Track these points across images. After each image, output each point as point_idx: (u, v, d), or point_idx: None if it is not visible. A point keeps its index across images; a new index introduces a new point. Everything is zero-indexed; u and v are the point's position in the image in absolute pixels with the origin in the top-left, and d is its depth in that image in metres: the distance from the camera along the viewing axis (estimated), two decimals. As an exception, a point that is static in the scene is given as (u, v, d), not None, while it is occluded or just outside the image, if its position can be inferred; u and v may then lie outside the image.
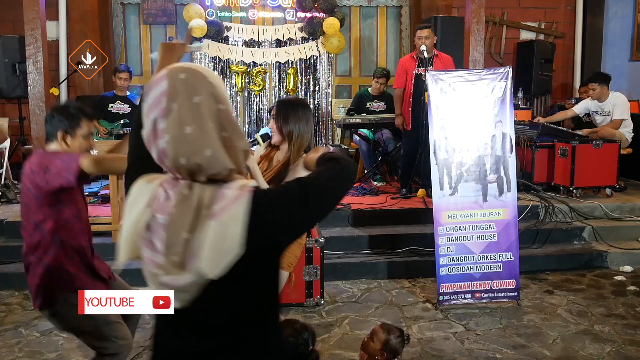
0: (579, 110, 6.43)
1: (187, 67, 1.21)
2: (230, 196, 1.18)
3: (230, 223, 1.15)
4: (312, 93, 7.69)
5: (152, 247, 1.19)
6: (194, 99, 1.17)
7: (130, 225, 1.22)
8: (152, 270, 1.20)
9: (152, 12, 7.45)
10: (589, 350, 3.40)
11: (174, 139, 1.16)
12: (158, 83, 1.19)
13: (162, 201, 1.19)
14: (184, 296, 1.20)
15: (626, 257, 4.90)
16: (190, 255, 1.17)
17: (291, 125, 2.73)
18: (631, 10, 7.90)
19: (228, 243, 1.15)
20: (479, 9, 5.32)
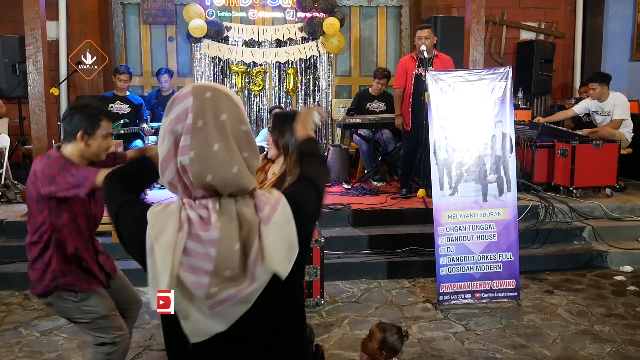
0: (579, 110, 6.42)
1: (212, 86, 1.24)
2: (271, 202, 1.23)
3: (284, 224, 1.21)
4: (312, 93, 7.69)
5: (195, 270, 1.17)
6: (221, 117, 1.19)
7: (166, 254, 1.17)
8: (202, 293, 1.17)
9: (152, 12, 7.45)
10: (589, 350, 3.40)
11: (201, 156, 1.17)
12: (183, 99, 1.19)
13: (196, 220, 1.18)
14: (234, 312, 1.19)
15: (626, 257, 4.90)
16: (252, 262, 1.19)
17: (287, 138, 2.73)
18: (631, 10, 7.91)
19: (290, 242, 1.22)
20: (479, 9, 5.32)
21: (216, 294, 1.17)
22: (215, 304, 1.18)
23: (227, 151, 1.18)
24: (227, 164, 1.18)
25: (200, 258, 1.17)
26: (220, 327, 1.20)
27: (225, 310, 1.19)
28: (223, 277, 1.17)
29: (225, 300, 1.18)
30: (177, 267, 1.17)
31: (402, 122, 5.74)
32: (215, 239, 1.16)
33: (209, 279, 1.17)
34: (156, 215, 1.21)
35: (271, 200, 1.23)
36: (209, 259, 1.16)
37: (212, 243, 1.16)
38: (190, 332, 1.20)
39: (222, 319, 1.20)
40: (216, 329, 1.20)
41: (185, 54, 7.62)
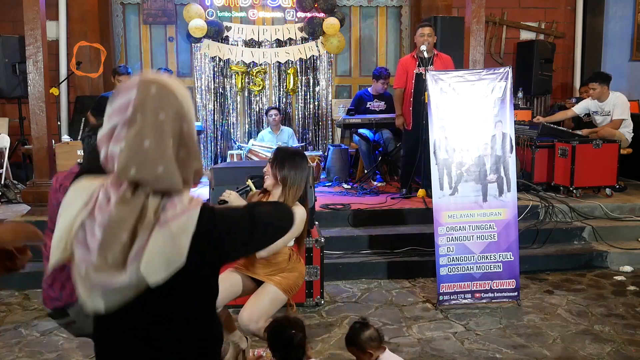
0: (579, 110, 6.42)
1: (159, 80, 1.22)
2: (181, 207, 1.20)
3: (179, 233, 1.18)
4: (312, 93, 7.69)
5: (85, 246, 1.19)
6: (160, 116, 1.19)
7: (66, 224, 1.23)
8: (84, 270, 1.19)
9: (152, 12, 7.45)
10: (589, 350, 3.40)
11: (130, 148, 1.17)
12: (128, 90, 1.20)
13: (102, 201, 1.20)
14: (114, 298, 1.19)
15: (626, 257, 4.90)
16: (132, 257, 1.17)
17: (286, 171, 2.81)
18: (631, 10, 7.91)
19: (174, 252, 1.17)
20: (479, 9, 5.32)
21: (90, 275, 1.18)
22: (93, 284, 1.19)
23: (156, 150, 1.18)
24: (153, 163, 1.18)
25: (91, 237, 1.19)
26: (100, 306, 1.20)
27: (101, 293, 1.19)
28: (106, 260, 1.17)
29: (96, 285, 1.18)
30: (72, 239, 1.22)
31: (402, 122, 5.74)
32: (105, 223, 1.17)
33: (95, 258, 1.17)
34: (74, 188, 1.27)
35: (182, 206, 1.21)
36: (96, 240, 1.18)
37: (101, 225, 1.18)
38: (83, 300, 1.23)
39: (102, 299, 1.20)
40: (97, 306, 1.21)
41: (185, 54, 7.62)
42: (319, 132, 7.76)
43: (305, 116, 7.72)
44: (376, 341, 2.52)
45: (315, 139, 7.76)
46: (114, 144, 1.19)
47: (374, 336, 2.53)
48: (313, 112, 7.71)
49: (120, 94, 1.21)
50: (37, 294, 4.28)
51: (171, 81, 1.25)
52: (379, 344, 2.53)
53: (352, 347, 2.56)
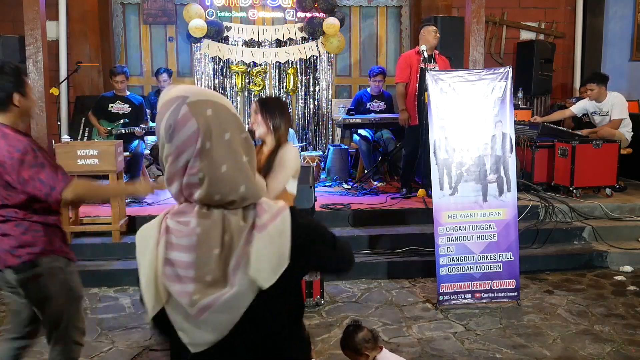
0: (577, 110, 6.43)
1: (209, 99, 1.18)
2: (272, 211, 1.21)
3: (279, 235, 1.19)
4: (312, 93, 7.69)
5: (179, 279, 1.18)
6: (225, 137, 1.17)
7: (149, 270, 1.20)
8: (187, 301, 1.17)
9: (152, 12, 7.45)
10: (589, 350, 3.40)
11: (210, 179, 1.17)
12: (186, 123, 1.15)
13: (178, 227, 1.19)
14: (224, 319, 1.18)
15: (626, 257, 4.90)
16: (233, 267, 1.17)
17: (278, 120, 2.91)
18: (631, 10, 7.91)
19: (279, 254, 1.18)
20: (479, 9, 5.33)
21: (197, 300, 1.16)
22: (199, 312, 1.17)
23: (234, 171, 1.18)
24: (235, 184, 1.18)
25: (182, 266, 1.17)
26: (211, 336, 1.19)
27: (211, 318, 1.18)
28: (205, 282, 1.16)
29: (207, 307, 1.16)
30: (161, 280, 1.18)
31: (407, 117, 5.64)
32: (194, 244, 1.16)
33: (193, 286, 1.16)
34: (140, 236, 1.24)
35: (273, 209, 1.22)
36: (189, 265, 1.16)
37: (190, 248, 1.16)
38: (188, 343, 1.21)
39: (211, 328, 1.19)
40: (208, 338, 1.19)
41: (185, 54, 7.62)
42: (319, 132, 7.76)
43: (305, 116, 7.72)
44: (371, 342, 2.52)
45: (315, 139, 7.76)
46: (189, 177, 1.17)
47: (368, 337, 2.53)
48: (313, 112, 7.71)
49: (179, 128, 1.15)
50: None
51: (215, 94, 1.22)
52: (374, 344, 2.52)
53: (347, 350, 2.56)
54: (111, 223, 4.67)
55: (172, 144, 1.17)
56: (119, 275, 4.43)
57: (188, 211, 1.20)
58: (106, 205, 5.18)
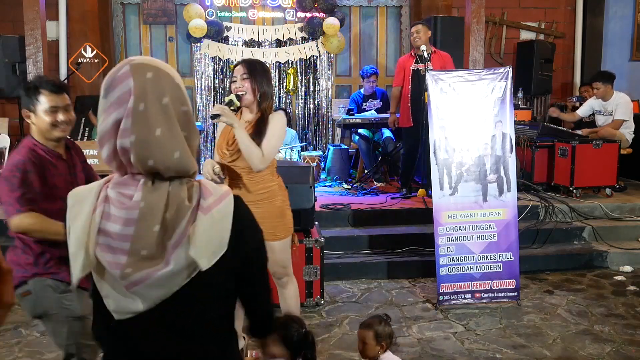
0: (583, 112, 6.45)
1: (152, 64, 1.19)
2: (217, 194, 1.21)
3: (222, 219, 1.19)
4: (312, 93, 7.69)
5: (112, 250, 1.17)
6: (163, 101, 1.17)
7: (79, 234, 1.19)
8: (118, 273, 1.17)
9: (152, 12, 7.45)
10: (589, 350, 3.40)
11: (142, 141, 1.15)
12: (123, 80, 1.16)
13: (119, 198, 1.18)
14: (155, 293, 1.18)
15: (626, 257, 4.90)
16: (172, 245, 1.16)
17: (266, 86, 2.85)
18: (631, 10, 7.91)
19: (220, 238, 1.19)
20: (479, 9, 5.33)
21: (130, 274, 1.16)
22: (130, 284, 1.17)
23: (169, 136, 1.17)
24: (169, 149, 1.17)
25: (115, 237, 1.16)
26: (139, 306, 1.19)
27: (142, 290, 1.17)
28: (140, 256, 1.16)
29: (139, 281, 1.16)
30: (93, 248, 1.18)
31: (393, 121, 5.80)
32: (134, 218, 1.15)
33: (126, 258, 1.16)
34: (75, 197, 1.22)
35: (218, 192, 1.22)
36: (125, 238, 1.16)
37: (129, 222, 1.15)
38: (113, 310, 1.21)
39: (141, 298, 1.19)
40: (136, 307, 1.19)
41: (185, 54, 7.62)
42: (319, 132, 7.76)
43: (305, 116, 7.72)
44: (389, 339, 2.53)
45: (315, 139, 7.76)
46: (122, 138, 1.15)
47: (393, 336, 2.55)
48: (313, 112, 7.71)
49: (115, 84, 1.17)
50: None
51: (162, 63, 1.22)
52: (389, 343, 2.54)
53: (370, 331, 2.55)
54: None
55: (107, 99, 1.17)
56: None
57: (131, 184, 1.18)
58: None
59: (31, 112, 2.32)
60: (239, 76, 2.85)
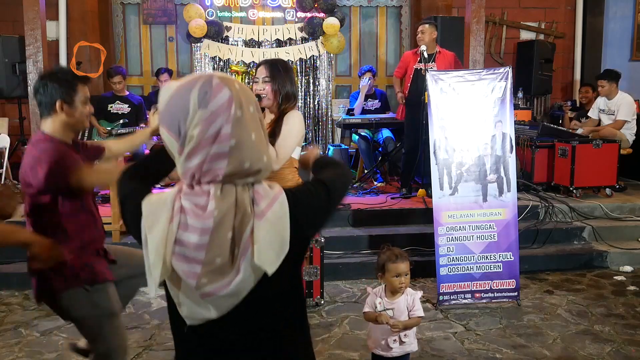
0: (594, 113, 6.46)
1: (232, 78, 1.28)
2: (268, 196, 1.23)
3: (278, 221, 1.22)
4: (312, 93, 7.69)
5: (187, 260, 1.19)
6: (251, 109, 1.24)
7: (159, 245, 1.20)
8: (194, 283, 1.19)
9: (152, 12, 7.45)
10: (589, 350, 3.40)
11: (243, 144, 1.20)
12: (220, 90, 1.20)
13: (192, 209, 1.19)
14: (228, 302, 1.22)
15: (626, 257, 4.90)
16: (241, 253, 1.19)
17: (289, 87, 2.81)
18: (631, 10, 7.91)
19: (281, 240, 1.21)
20: (479, 9, 5.33)
21: (205, 285, 1.19)
22: (204, 294, 1.20)
23: (260, 141, 1.24)
24: (260, 153, 1.24)
25: (191, 247, 1.19)
26: (211, 313, 1.23)
27: (216, 300, 1.22)
28: (214, 265, 1.18)
29: (212, 292, 1.20)
30: (169, 258, 1.20)
31: (402, 97, 5.78)
32: (209, 227, 1.17)
33: (200, 268, 1.18)
34: (150, 206, 1.24)
35: (269, 194, 1.23)
36: (201, 248, 1.18)
37: (205, 231, 1.18)
38: (185, 316, 1.25)
39: (213, 307, 1.23)
40: (208, 314, 1.23)
41: (185, 54, 7.63)
42: (319, 132, 7.75)
43: (305, 116, 7.71)
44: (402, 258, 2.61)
45: (315, 139, 7.75)
46: (220, 143, 1.19)
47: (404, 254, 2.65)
48: (313, 112, 7.71)
49: (213, 94, 1.20)
50: (37, 294, 4.28)
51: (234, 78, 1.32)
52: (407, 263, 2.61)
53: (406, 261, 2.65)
54: (111, 223, 4.67)
55: (207, 109, 1.19)
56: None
57: (201, 194, 1.20)
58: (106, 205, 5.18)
59: (66, 103, 2.29)
60: (261, 78, 2.83)
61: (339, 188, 1.41)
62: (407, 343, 2.57)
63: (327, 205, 1.35)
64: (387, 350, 2.56)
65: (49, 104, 2.28)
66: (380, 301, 2.60)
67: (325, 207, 1.35)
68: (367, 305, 2.64)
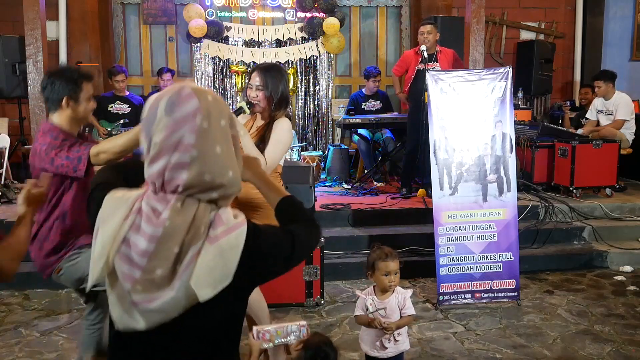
0: (592, 115, 6.46)
1: (208, 90, 1.27)
2: (229, 224, 1.20)
3: (228, 250, 1.18)
4: (312, 93, 7.69)
5: (130, 262, 1.18)
6: (222, 122, 1.23)
7: (106, 238, 1.20)
8: (129, 286, 1.18)
9: (152, 12, 7.45)
10: (589, 350, 3.40)
11: (205, 155, 1.19)
12: (188, 99, 1.20)
13: (149, 213, 1.18)
14: (156, 317, 1.19)
15: (626, 257, 4.90)
16: (181, 271, 1.17)
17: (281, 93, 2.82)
18: (631, 10, 7.91)
19: (224, 270, 1.17)
20: (479, 9, 5.33)
21: (137, 292, 1.17)
22: (134, 302, 1.18)
23: (226, 155, 1.22)
24: (225, 168, 1.21)
25: (138, 251, 1.17)
26: (139, 324, 1.20)
27: (144, 312, 1.19)
28: (153, 275, 1.16)
29: (142, 302, 1.17)
30: (113, 255, 1.19)
31: (405, 97, 5.82)
32: (157, 236, 1.16)
33: (140, 274, 1.17)
34: (111, 200, 1.24)
35: (230, 222, 1.21)
36: (145, 254, 1.16)
37: (152, 238, 1.16)
38: (115, 319, 1.23)
39: (140, 318, 1.19)
40: (135, 325, 1.20)
41: (185, 54, 7.63)
42: (319, 132, 7.76)
43: (305, 116, 7.72)
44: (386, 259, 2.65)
45: (315, 139, 7.76)
46: (182, 153, 1.18)
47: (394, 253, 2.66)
48: (313, 112, 7.71)
49: (180, 103, 1.20)
50: (37, 294, 4.28)
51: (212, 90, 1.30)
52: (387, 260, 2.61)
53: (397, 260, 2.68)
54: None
55: (171, 117, 1.19)
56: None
57: (163, 201, 1.20)
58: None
59: (72, 100, 2.46)
60: (254, 86, 2.83)
61: (305, 248, 1.38)
62: (401, 342, 2.59)
63: (287, 257, 1.31)
64: (383, 350, 2.56)
65: (56, 100, 2.47)
66: (372, 302, 2.60)
67: (285, 258, 1.31)
68: (358, 308, 2.64)
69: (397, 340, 2.56)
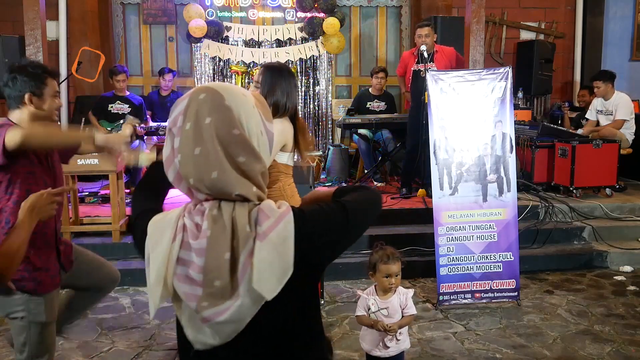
0: (592, 115, 6.45)
1: (210, 86, 1.19)
2: (274, 216, 1.15)
3: (281, 243, 1.13)
4: (312, 93, 7.69)
5: (189, 281, 1.15)
6: (205, 120, 1.14)
7: (160, 265, 1.16)
8: (194, 305, 1.14)
9: (152, 12, 7.45)
10: (589, 350, 3.40)
11: (185, 159, 1.14)
12: (181, 101, 1.18)
13: (192, 228, 1.15)
14: (228, 329, 1.15)
15: (626, 257, 4.90)
16: (240, 276, 1.13)
17: (278, 96, 2.68)
18: (631, 10, 7.91)
19: (282, 263, 1.13)
20: (479, 9, 5.33)
21: (205, 308, 1.13)
22: (204, 319, 1.14)
23: (207, 156, 1.13)
24: (205, 169, 1.14)
25: (193, 268, 1.14)
26: (213, 341, 1.17)
27: (215, 327, 1.15)
28: (214, 287, 1.13)
29: (212, 317, 1.13)
30: (171, 278, 1.16)
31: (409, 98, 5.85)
32: (204, 248, 1.13)
33: (201, 290, 1.13)
34: (154, 226, 1.20)
35: (275, 214, 1.15)
36: (200, 269, 1.13)
37: (200, 252, 1.13)
38: (192, 340, 1.19)
39: (214, 334, 1.16)
40: (210, 341, 1.17)
41: (185, 54, 7.63)
42: (319, 132, 7.76)
43: (305, 116, 7.71)
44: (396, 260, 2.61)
45: (315, 139, 7.76)
46: (175, 158, 1.16)
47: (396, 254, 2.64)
48: (313, 112, 7.71)
49: (175, 105, 1.19)
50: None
51: (227, 86, 1.20)
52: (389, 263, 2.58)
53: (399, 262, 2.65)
54: (111, 223, 4.67)
55: (170, 119, 1.20)
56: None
57: (199, 211, 1.17)
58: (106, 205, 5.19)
59: (35, 96, 2.30)
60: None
61: (361, 211, 1.29)
62: (402, 341, 2.60)
63: (343, 228, 1.24)
64: (385, 350, 2.57)
65: (18, 97, 2.30)
66: (374, 302, 2.60)
67: (341, 230, 1.24)
68: (360, 308, 2.64)
69: (398, 339, 2.57)
